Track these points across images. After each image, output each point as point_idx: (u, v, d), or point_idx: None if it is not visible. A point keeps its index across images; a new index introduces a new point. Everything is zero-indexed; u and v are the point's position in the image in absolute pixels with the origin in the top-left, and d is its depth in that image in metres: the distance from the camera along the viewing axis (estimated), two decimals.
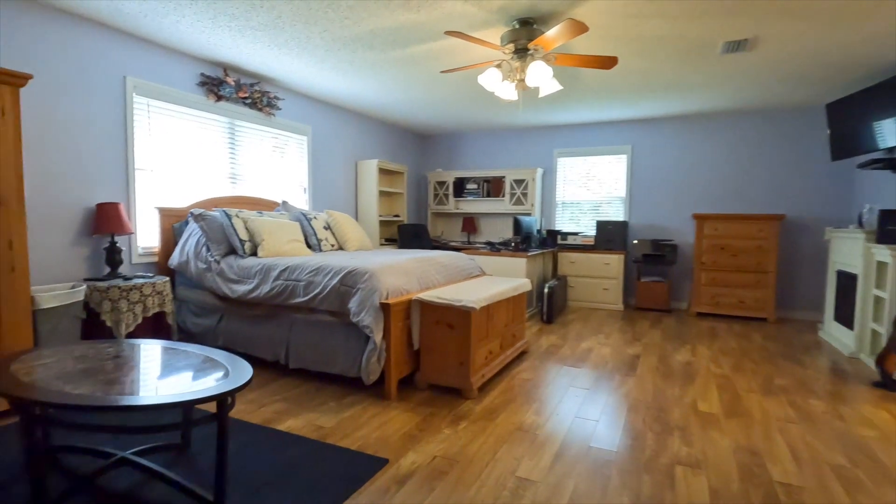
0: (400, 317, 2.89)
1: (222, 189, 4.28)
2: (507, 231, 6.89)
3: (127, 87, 3.46)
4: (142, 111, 3.60)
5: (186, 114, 3.93)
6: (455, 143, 7.24)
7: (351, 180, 5.90)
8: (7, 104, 2.46)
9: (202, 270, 3.48)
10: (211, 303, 3.51)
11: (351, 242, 4.26)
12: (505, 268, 5.05)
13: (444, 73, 4.26)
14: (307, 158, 5.19)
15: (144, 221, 3.66)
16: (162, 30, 3.36)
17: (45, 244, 3.05)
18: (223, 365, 1.90)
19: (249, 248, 3.52)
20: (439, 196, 7.06)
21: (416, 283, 3.23)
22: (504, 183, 6.60)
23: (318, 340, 3.05)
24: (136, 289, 3.10)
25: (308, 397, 2.85)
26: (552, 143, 6.59)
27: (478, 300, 2.85)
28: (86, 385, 1.66)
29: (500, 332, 3.36)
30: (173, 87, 3.79)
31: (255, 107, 4.47)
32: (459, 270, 3.86)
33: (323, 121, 5.37)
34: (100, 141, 3.32)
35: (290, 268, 3.19)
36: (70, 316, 2.85)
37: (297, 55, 3.83)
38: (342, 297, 2.92)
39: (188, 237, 3.62)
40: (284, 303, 3.13)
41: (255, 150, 4.59)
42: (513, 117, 6.06)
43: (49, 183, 3.05)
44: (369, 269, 2.94)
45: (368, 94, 4.99)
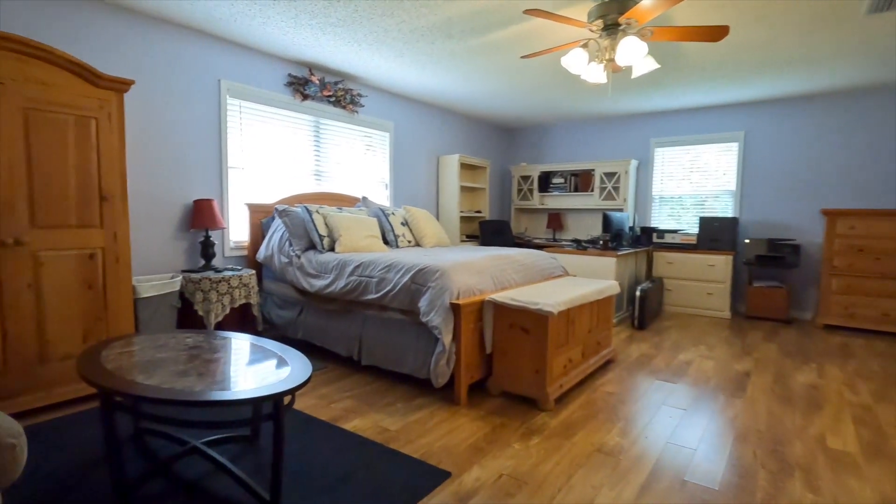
0: (471, 318, 2.74)
1: (307, 185, 4.41)
2: (595, 228, 6.44)
3: (221, 89, 3.67)
4: (234, 112, 3.80)
5: (275, 114, 4.09)
6: (540, 136, 6.91)
7: (432, 176, 5.85)
8: (113, 109, 2.67)
9: (284, 264, 3.59)
10: (292, 296, 3.61)
11: (428, 239, 4.18)
12: (592, 268, 4.68)
13: (525, 60, 4.01)
14: (389, 154, 5.21)
15: (236, 217, 3.87)
16: (251, 33, 3.50)
17: (149, 237, 3.31)
18: (287, 363, 1.88)
19: (328, 244, 3.57)
20: (523, 191, 6.79)
21: (491, 283, 3.05)
22: (593, 176, 6.16)
23: (389, 338, 2.99)
24: (224, 281, 3.27)
25: (377, 396, 2.79)
26: (649, 132, 6.02)
27: (556, 303, 2.60)
28: (157, 376, 1.70)
29: (583, 338, 3.07)
30: (263, 88, 3.96)
31: (339, 104, 4.55)
32: (539, 270, 3.61)
33: (405, 116, 5.37)
34: (197, 141, 3.55)
35: (363, 264, 3.16)
36: (166, 305, 3.07)
37: (377, 50, 3.81)
38: (412, 296, 2.82)
39: (273, 232, 3.76)
40: (358, 299, 3.12)
41: (339, 147, 4.68)
42: (602, 104, 5.61)
43: (152, 181, 3.31)
44: (441, 266, 2.81)
45: (449, 87, 4.87)
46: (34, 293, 2.43)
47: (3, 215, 2.31)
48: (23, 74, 2.35)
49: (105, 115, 2.64)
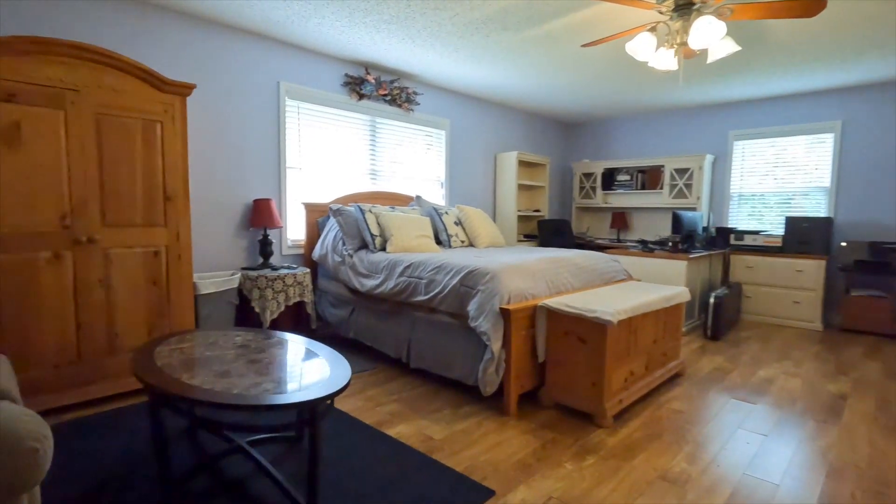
0: (523, 324, 2.58)
1: (362, 185, 4.43)
2: (664, 228, 6.01)
3: (280, 91, 3.75)
4: (293, 113, 3.87)
5: (331, 114, 4.13)
6: (604, 131, 6.55)
7: (489, 174, 5.71)
8: (176, 112, 2.78)
9: (337, 263, 3.61)
10: (345, 295, 3.62)
11: (481, 239, 4.06)
12: (659, 272, 4.34)
13: (586, 50, 3.77)
14: (445, 152, 5.13)
15: (293, 216, 3.95)
16: (308, 34, 3.54)
17: (210, 236, 3.44)
18: (328, 367, 1.84)
19: (380, 243, 3.55)
20: (585, 189, 6.47)
21: (545, 287, 2.88)
22: (662, 173, 5.74)
23: (438, 342, 2.90)
24: (279, 279, 3.33)
25: (424, 401, 2.72)
26: (727, 124, 5.51)
27: (616, 311, 2.39)
28: (201, 375, 1.71)
29: (646, 349, 2.82)
30: (320, 88, 4.01)
31: (395, 103, 4.53)
32: (599, 274, 3.37)
33: (461, 113, 5.27)
34: (257, 142, 3.65)
35: (413, 264, 3.10)
36: (225, 301, 3.17)
37: (431, 46, 3.73)
38: (462, 299, 2.71)
39: (328, 231, 3.80)
40: (407, 300, 3.06)
41: (394, 146, 4.67)
42: (673, 95, 5.20)
43: (213, 181, 3.44)
44: (491, 269, 2.68)
45: (506, 81, 4.71)
46: (105, 288, 2.58)
47: (78, 215, 2.47)
48: (96, 81, 2.49)
49: (169, 118, 2.75)
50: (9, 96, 2.24)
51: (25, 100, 2.29)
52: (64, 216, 2.43)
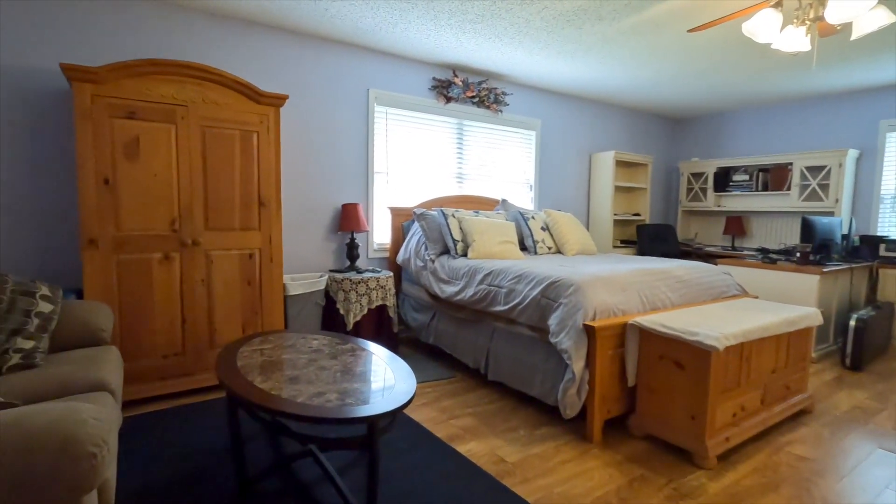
0: (610, 343, 2.33)
1: (449, 188, 4.39)
2: (791, 235, 5.22)
3: (369, 98, 3.83)
4: (381, 119, 3.94)
5: (418, 118, 4.14)
6: (716, 126, 5.87)
7: (583, 176, 5.38)
8: (271, 122, 2.93)
9: (420, 268, 3.60)
10: (426, 300, 3.60)
11: (570, 245, 3.80)
12: (783, 287, 3.74)
13: (693, 37, 3.35)
14: (535, 154, 4.93)
15: (379, 220, 4.02)
16: (395, 40, 3.58)
17: (300, 239, 3.61)
18: (394, 380, 1.79)
19: (461, 249, 3.47)
20: (694, 190, 5.85)
21: (638, 302, 2.58)
22: (790, 172, 4.99)
23: (517, 355, 2.74)
24: (363, 282, 3.39)
25: (500, 417, 2.58)
26: (876, 113, 4.63)
27: (724, 335, 2.06)
28: (272, 379, 1.75)
29: (763, 380, 2.41)
30: (408, 94, 4.03)
31: (483, 105, 4.43)
32: (705, 289, 2.97)
33: (553, 113, 5.02)
34: (346, 149, 3.76)
35: (493, 272, 2.97)
36: (312, 302, 3.30)
37: (519, 43, 3.57)
38: (542, 311, 2.53)
39: (411, 235, 3.80)
40: (486, 309, 2.94)
41: (481, 149, 4.57)
42: (803, 82, 4.48)
43: (304, 187, 3.60)
44: (575, 280, 2.46)
45: (602, 76, 4.38)
46: (206, 287, 2.79)
47: (185, 219, 2.70)
48: (202, 97, 2.70)
49: (265, 128, 2.91)
50: (130, 114, 2.51)
51: (143, 116, 2.55)
52: (173, 221, 2.67)
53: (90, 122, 2.42)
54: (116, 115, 2.48)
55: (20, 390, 1.59)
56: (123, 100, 2.49)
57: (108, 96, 2.45)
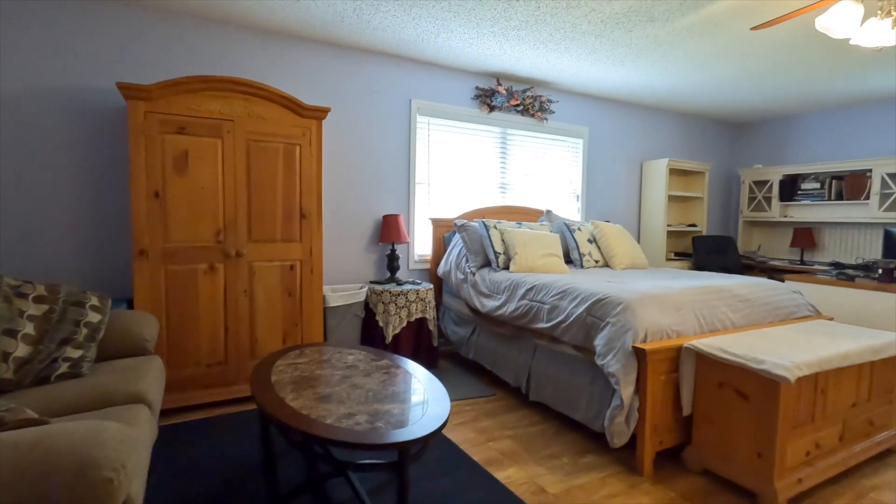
0: (662, 367, 2.15)
1: (492, 199, 4.30)
2: (869, 249, 4.74)
3: (412, 109, 3.81)
4: (423, 129, 3.91)
5: (461, 128, 4.08)
6: (782, 130, 5.45)
7: (634, 185, 5.13)
8: (313, 135, 2.96)
9: (460, 281, 3.51)
10: (466, 314, 3.51)
11: (619, 259, 3.60)
12: (863, 308, 3.38)
13: (755, 36, 3.10)
14: (582, 162, 4.74)
15: (420, 231, 3.98)
16: (438, 50, 3.54)
17: (342, 250, 3.62)
18: (427, 403, 1.70)
19: (503, 262, 3.36)
20: (757, 200, 5.44)
21: (695, 323, 2.38)
22: (868, 179, 4.53)
23: (560, 376, 2.59)
24: (402, 295, 3.34)
25: (542, 441, 2.43)
26: None
27: (795, 364, 1.84)
28: (304, 397, 1.71)
29: (842, 415, 2.14)
30: (450, 104, 3.99)
31: (527, 113, 4.32)
32: (772, 309, 2.71)
33: (601, 120, 4.82)
34: (388, 160, 3.75)
35: (536, 287, 2.84)
36: (351, 314, 3.28)
37: (565, 48, 3.44)
38: (588, 330, 2.38)
39: (452, 247, 3.73)
40: (528, 326, 2.81)
41: (526, 158, 4.45)
42: (882, 79, 4.06)
43: (346, 198, 3.61)
44: (624, 298, 2.30)
45: (654, 80, 4.16)
46: (248, 298, 2.83)
47: (229, 231, 2.75)
48: (247, 111, 2.76)
49: (307, 141, 2.94)
50: (180, 129, 2.59)
51: (192, 131, 2.63)
52: (218, 232, 2.73)
53: (143, 138, 2.51)
54: (167, 131, 2.57)
55: (63, 400, 1.63)
56: (174, 115, 2.58)
57: (160, 112, 2.55)
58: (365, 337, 3.45)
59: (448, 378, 3.32)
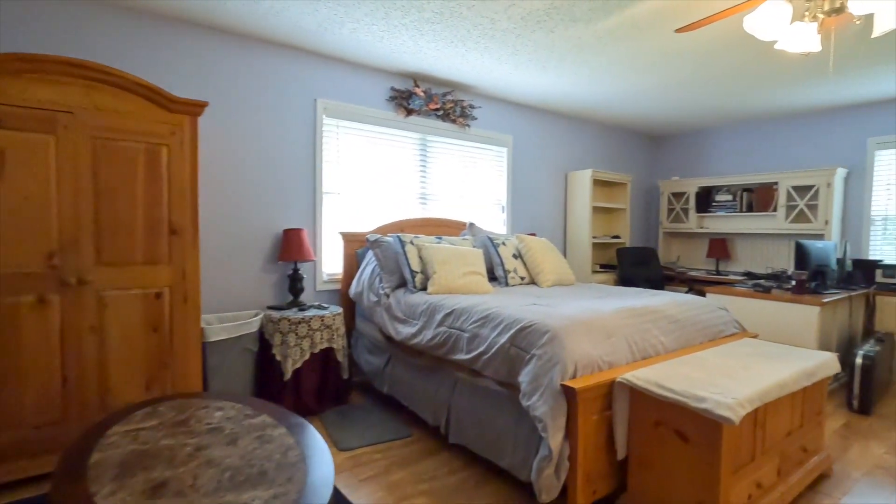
0: (594, 407, 1.88)
1: (411, 211, 3.94)
2: (777, 257, 4.92)
3: (317, 109, 3.37)
4: (331, 133, 3.48)
5: (375, 132, 3.70)
6: (698, 143, 5.60)
7: (559, 195, 5.00)
8: (185, 134, 2.43)
9: (373, 304, 3.11)
10: (380, 341, 3.10)
11: (545, 275, 3.36)
12: (781, 320, 3.38)
13: (677, 42, 3.01)
14: (507, 172, 4.52)
15: (329, 247, 3.52)
16: (345, 43, 3.14)
17: (232, 272, 3.08)
18: (304, 482, 1.28)
19: (420, 282, 2.99)
20: (675, 211, 5.53)
21: (626, 351, 2.14)
22: (776, 191, 4.70)
23: (484, 414, 2.26)
24: (304, 322, 2.87)
25: (462, 493, 2.08)
26: (864, 130, 4.40)
27: (738, 402, 1.62)
28: (127, 489, 1.23)
29: (779, 446, 1.98)
30: (363, 105, 3.59)
31: (448, 118, 4.02)
32: (702, 328, 2.56)
33: (526, 128, 4.64)
34: (289, 166, 3.28)
35: (455, 312, 2.50)
36: (241, 348, 2.76)
37: (485, 48, 3.17)
38: (511, 364, 2.07)
39: (365, 265, 3.32)
40: (447, 356, 2.46)
41: (448, 167, 4.14)
42: (787, 97, 4.21)
43: (237, 210, 3.08)
44: (551, 326, 2.01)
45: (578, 88, 4.03)
46: (97, 336, 2.24)
47: (67, 252, 2.16)
48: (92, 102, 2.19)
49: (177, 141, 2.41)
50: None
51: (11, 124, 2.03)
52: (51, 255, 2.13)
53: None
54: None
55: None
56: None
57: None
58: (261, 373, 2.93)
59: (359, 417, 2.89)
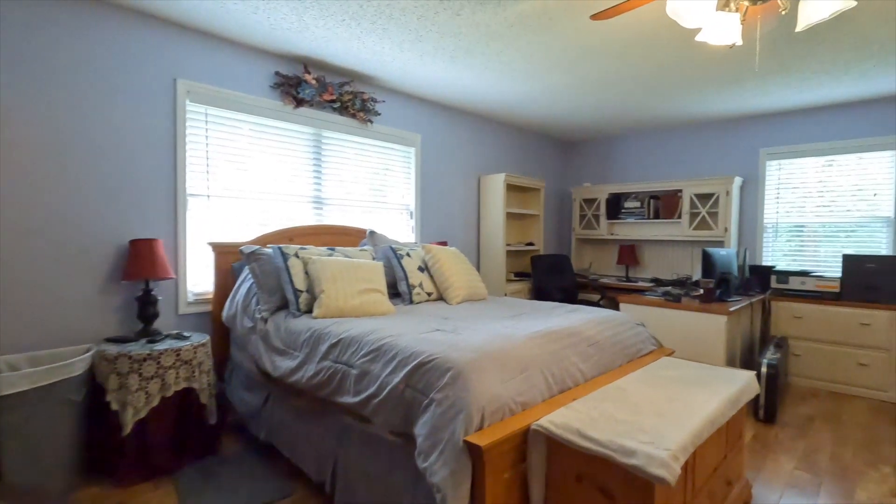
0: (505, 462, 1.53)
1: (304, 217, 3.41)
2: (682, 263, 5.01)
3: (178, 92, 2.75)
4: (198, 122, 2.87)
5: (257, 124, 3.13)
6: (609, 150, 5.61)
7: (471, 201, 4.71)
8: None
9: (247, 330, 2.56)
10: (257, 375, 2.55)
11: (455, 290, 3.01)
12: (691, 329, 3.31)
13: (592, 36, 2.82)
14: (415, 175, 4.14)
15: (198, 261, 2.90)
16: (213, 14, 2.57)
17: (54, 295, 2.38)
18: None
19: (306, 303, 2.50)
20: (587, 218, 5.49)
21: (543, 385, 1.83)
22: (680, 199, 4.77)
23: (376, 469, 1.83)
24: (151, 358, 2.26)
25: None
26: (756, 140, 4.59)
27: (672, 453, 1.34)
28: None
29: (707, 486, 1.76)
30: (240, 91, 3.01)
31: (347, 112, 3.54)
32: (621, 349, 2.33)
33: (436, 127, 4.30)
34: (140, 161, 2.63)
35: (343, 341, 2.05)
36: (55, 400, 2.08)
37: (384, 31, 2.76)
38: (407, 410, 1.66)
39: (240, 283, 2.75)
40: (332, 398, 2.00)
41: (347, 168, 3.66)
42: (690, 106, 4.27)
43: (61, 215, 2.39)
44: (455, 362, 1.63)
45: (489, 86, 3.75)
46: None
47: None
48: None
49: None
50: None
51: None
52: None
53: None
54: None
55: None
56: None
57: None
58: (91, 430, 2.26)
59: (228, 473, 2.32)
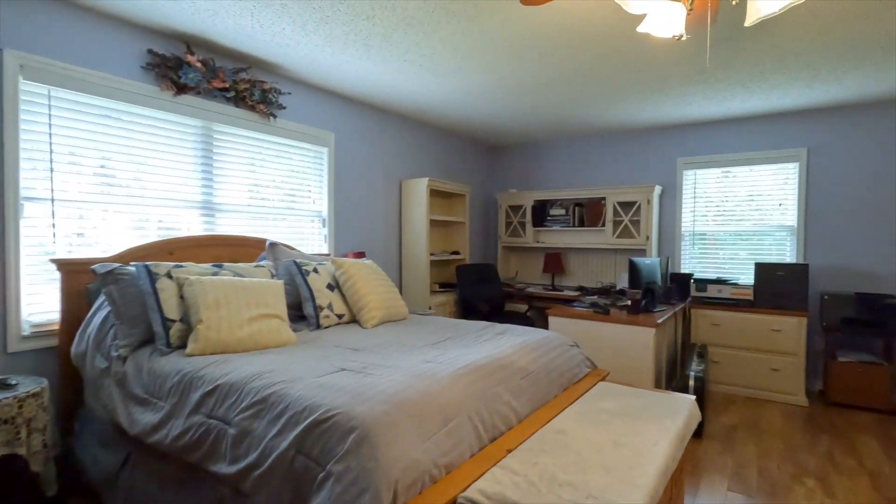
0: None
1: (191, 226, 2.86)
2: (606, 271, 4.99)
3: (5, 66, 2.13)
4: (37, 107, 2.25)
5: (124, 112, 2.55)
6: (535, 156, 5.50)
7: (393, 207, 4.34)
8: None
9: (100, 372, 2.00)
10: (113, 429, 2.00)
11: (370, 311, 2.62)
12: (619, 342, 3.19)
13: (523, 25, 2.58)
14: (328, 178, 3.69)
15: (39, 281, 2.28)
16: None
17: None
18: None
19: (179, 335, 2.00)
20: (513, 225, 5.33)
21: (471, 435, 1.51)
22: (604, 207, 4.74)
23: None
24: None
25: None
26: (674, 150, 4.66)
27: None
28: None
29: None
30: (99, 69, 2.43)
31: (243, 103, 3.04)
32: (556, 377, 2.09)
33: (352, 126, 3.88)
34: None
35: (220, 388, 1.60)
36: None
37: (283, 10, 2.33)
38: (297, 484, 1.27)
39: (94, 312, 2.18)
40: (204, 465, 1.54)
41: (245, 168, 3.15)
42: (613, 114, 4.23)
43: None
44: (361, 418, 1.27)
45: (410, 82, 3.42)
46: None
47: None
48: None
49: None
50: None
51: None
52: None
53: None
54: None
55: None
56: None
57: None
58: None
59: None
